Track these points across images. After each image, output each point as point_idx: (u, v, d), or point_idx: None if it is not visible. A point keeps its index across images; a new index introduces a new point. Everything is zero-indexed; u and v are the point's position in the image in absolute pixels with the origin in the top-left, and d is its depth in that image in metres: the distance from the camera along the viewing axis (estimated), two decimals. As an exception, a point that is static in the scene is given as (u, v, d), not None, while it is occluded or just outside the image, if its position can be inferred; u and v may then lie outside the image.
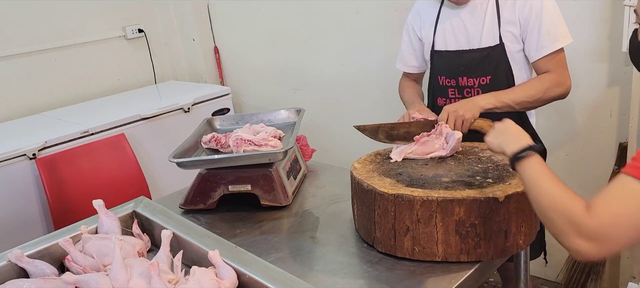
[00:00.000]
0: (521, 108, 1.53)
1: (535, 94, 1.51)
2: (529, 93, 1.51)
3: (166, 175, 2.54)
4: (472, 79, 1.59)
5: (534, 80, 1.56)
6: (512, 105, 1.51)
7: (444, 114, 1.45)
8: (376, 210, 1.18)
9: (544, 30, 1.51)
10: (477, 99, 1.49)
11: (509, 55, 1.57)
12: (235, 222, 1.46)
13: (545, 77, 1.53)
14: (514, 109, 1.52)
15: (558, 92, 1.53)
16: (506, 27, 1.54)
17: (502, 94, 1.51)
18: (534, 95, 1.51)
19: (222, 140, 1.60)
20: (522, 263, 1.40)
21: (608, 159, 2.16)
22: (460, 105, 1.45)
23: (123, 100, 2.94)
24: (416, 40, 1.75)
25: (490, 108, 1.48)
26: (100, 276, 1.06)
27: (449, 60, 1.63)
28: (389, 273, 1.13)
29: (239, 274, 1.04)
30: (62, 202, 2.20)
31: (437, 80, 1.68)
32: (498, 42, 1.56)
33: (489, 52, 1.56)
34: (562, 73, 1.53)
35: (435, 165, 1.32)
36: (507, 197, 1.10)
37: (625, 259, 2.09)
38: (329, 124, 3.00)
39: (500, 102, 1.49)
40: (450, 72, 1.63)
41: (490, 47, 1.56)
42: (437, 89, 1.70)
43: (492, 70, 1.57)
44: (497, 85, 1.57)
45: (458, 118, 1.43)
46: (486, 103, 1.48)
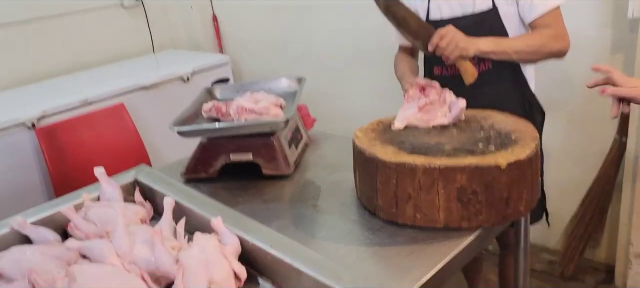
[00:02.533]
0: (519, 58, 1.51)
1: (534, 44, 1.49)
2: (528, 43, 1.50)
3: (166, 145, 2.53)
4: None
5: (534, 32, 1.54)
6: (510, 53, 1.48)
7: (445, 29, 1.43)
8: (378, 178, 1.18)
9: None
10: (477, 39, 1.46)
11: (504, 18, 1.55)
12: (237, 190, 1.46)
13: (544, 30, 1.51)
14: (511, 57, 1.50)
15: (557, 47, 1.51)
16: None
17: (502, 40, 1.49)
18: (533, 45, 1.49)
19: (222, 109, 1.59)
20: (522, 230, 1.41)
21: (609, 127, 2.15)
22: (460, 34, 1.44)
23: (121, 69, 2.92)
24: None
25: (487, 51, 1.46)
26: (104, 242, 1.07)
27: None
28: (390, 239, 1.14)
29: (241, 241, 1.05)
30: (63, 172, 2.20)
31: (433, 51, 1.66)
32: (491, 7, 1.54)
33: (482, 16, 1.55)
34: (559, 28, 1.52)
35: (438, 133, 1.31)
36: (509, 165, 1.10)
37: (623, 226, 2.11)
38: (330, 93, 2.98)
39: (498, 47, 1.47)
40: None
41: (483, 12, 1.55)
42: (433, 59, 1.68)
43: (486, 34, 1.55)
44: None
45: (453, 41, 1.42)
46: (484, 45, 1.46)
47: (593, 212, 2.23)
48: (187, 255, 0.99)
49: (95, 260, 1.05)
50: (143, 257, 1.03)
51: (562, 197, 2.39)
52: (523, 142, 1.19)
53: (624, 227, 2.11)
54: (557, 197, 2.40)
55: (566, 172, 2.35)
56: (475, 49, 1.44)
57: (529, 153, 1.13)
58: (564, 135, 2.29)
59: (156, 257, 1.01)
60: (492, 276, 2.37)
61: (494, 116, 1.38)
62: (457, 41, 1.42)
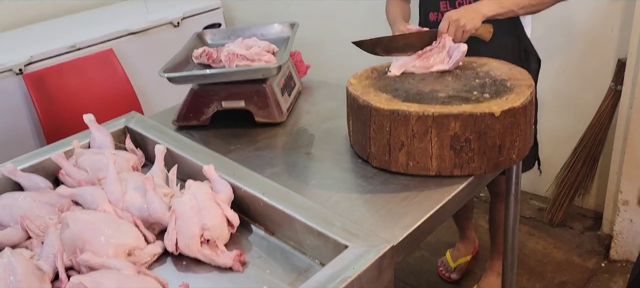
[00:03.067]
0: (524, 12, 1.49)
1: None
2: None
3: (157, 92, 2.50)
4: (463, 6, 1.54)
5: None
6: (515, 10, 1.46)
7: (444, 23, 1.40)
8: (371, 126, 1.17)
9: None
10: (479, 5, 1.44)
11: None
12: (230, 138, 1.45)
13: None
14: (517, 13, 1.47)
15: None
16: None
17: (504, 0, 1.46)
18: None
19: (213, 55, 1.55)
20: (514, 177, 1.42)
21: (605, 75, 2.14)
22: (462, 14, 1.40)
23: (109, 14, 2.83)
24: None
25: (492, 15, 1.44)
26: (96, 189, 1.07)
27: None
28: (382, 187, 1.14)
29: (234, 188, 1.05)
30: (53, 119, 2.18)
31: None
32: None
33: None
34: None
35: (433, 80, 1.30)
36: (503, 112, 1.09)
37: (613, 174, 2.14)
38: (324, 39, 2.92)
39: (502, 8, 1.44)
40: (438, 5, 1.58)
41: None
42: (428, 3, 1.65)
43: None
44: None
45: (459, 28, 1.39)
46: (488, 10, 1.43)
47: (584, 160, 2.25)
48: (179, 202, 0.99)
49: (87, 207, 1.06)
50: (135, 204, 1.03)
51: (554, 145, 2.40)
52: (518, 90, 1.18)
53: (614, 175, 2.13)
54: (549, 145, 2.42)
55: (560, 120, 2.35)
56: (480, 18, 1.41)
57: (523, 101, 1.12)
58: (559, 83, 2.28)
59: (148, 204, 1.01)
60: (483, 223, 2.42)
61: (490, 63, 1.36)
62: (463, 25, 1.38)
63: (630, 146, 2.00)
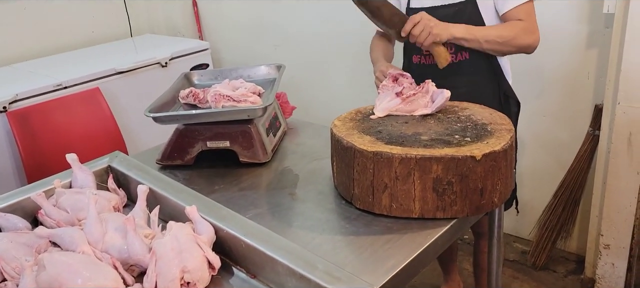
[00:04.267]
0: (489, 47, 1.54)
1: (506, 36, 1.52)
2: (500, 33, 1.52)
3: (143, 131, 2.50)
4: None
5: (506, 24, 1.56)
6: (481, 42, 1.52)
7: (418, 16, 1.45)
8: (355, 167, 1.18)
9: None
10: (450, 25, 1.50)
11: (482, 10, 1.58)
12: (214, 178, 1.44)
13: (516, 23, 1.54)
14: (482, 46, 1.53)
15: (527, 42, 1.53)
16: None
17: (474, 28, 1.52)
18: (504, 36, 1.51)
19: (200, 96, 1.57)
20: (496, 220, 1.43)
21: (584, 120, 2.19)
22: (433, 20, 1.46)
23: (97, 53, 2.86)
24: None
25: (459, 37, 1.50)
26: (75, 230, 1.05)
27: None
28: (366, 229, 1.14)
29: (216, 229, 1.04)
30: (36, 157, 2.15)
31: None
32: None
33: (460, 7, 1.57)
34: (531, 22, 1.54)
35: (416, 123, 1.32)
36: (484, 156, 1.11)
37: (594, 217, 2.16)
38: (310, 81, 2.97)
39: (470, 35, 1.50)
40: None
41: (461, 3, 1.57)
42: (411, 46, 1.69)
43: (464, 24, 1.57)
44: None
45: (427, 27, 1.44)
46: (457, 31, 1.49)
47: (566, 203, 2.28)
48: (160, 244, 0.97)
49: (66, 248, 1.04)
50: (115, 245, 1.01)
51: (536, 188, 2.44)
52: (498, 134, 1.20)
53: (594, 218, 2.16)
54: (530, 187, 2.45)
55: (540, 163, 2.39)
56: (448, 34, 1.48)
57: (504, 145, 1.15)
58: (538, 126, 2.33)
59: (129, 245, 1.00)
60: (467, 265, 2.41)
61: (471, 107, 1.39)
62: (431, 27, 1.45)
63: (610, 190, 2.03)
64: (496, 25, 1.57)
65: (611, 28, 1.95)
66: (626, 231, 2.04)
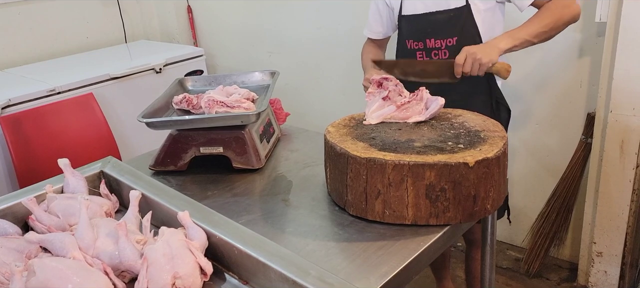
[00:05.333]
0: (539, 40, 1.51)
1: (549, 21, 1.48)
2: (543, 22, 1.48)
3: (136, 137, 2.49)
4: (439, 40, 1.60)
5: (543, 10, 1.52)
6: (530, 39, 1.48)
7: (461, 56, 1.43)
8: (348, 174, 1.18)
9: None
10: (496, 41, 1.46)
11: (476, 16, 1.58)
12: (207, 184, 1.44)
13: (550, 5, 1.50)
14: (532, 42, 1.50)
15: (570, 14, 1.49)
16: None
17: (517, 31, 1.49)
18: (548, 24, 1.48)
19: (193, 101, 1.57)
20: (489, 227, 1.43)
21: (576, 128, 2.21)
22: (479, 48, 1.44)
23: (92, 59, 2.85)
24: (384, 6, 1.76)
25: (509, 48, 1.47)
26: (66, 235, 1.04)
27: (417, 23, 1.64)
28: (359, 235, 1.14)
29: (209, 235, 1.04)
30: (28, 162, 2.14)
31: (405, 45, 1.69)
32: (464, 3, 1.57)
33: (455, 13, 1.58)
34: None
35: (409, 130, 1.32)
36: (477, 163, 1.11)
37: (587, 225, 2.17)
38: (304, 88, 2.97)
39: (517, 40, 1.47)
40: (417, 34, 1.64)
41: (456, 8, 1.58)
42: (405, 53, 1.70)
43: (458, 31, 1.58)
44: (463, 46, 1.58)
45: (475, 61, 1.42)
46: (505, 44, 1.46)
47: (559, 210, 2.29)
48: (151, 249, 0.97)
49: (56, 254, 1.03)
50: (106, 251, 1.00)
51: (528, 196, 2.44)
52: (491, 141, 1.21)
53: (587, 226, 2.17)
54: (524, 195, 2.46)
55: (533, 171, 2.40)
56: (497, 53, 1.45)
57: (496, 152, 1.15)
58: (531, 134, 2.34)
59: (120, 251, 0.99)
60: (460, 272, 2.41)
61: (464, 114, 1.39)
62: (479, 59, 1.42)
63: (603, 198, 2.04)
64: (535, 17, 1.51)
65: (603, 37, 1.96)
66: (619, 239, 2.05)
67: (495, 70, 1.46)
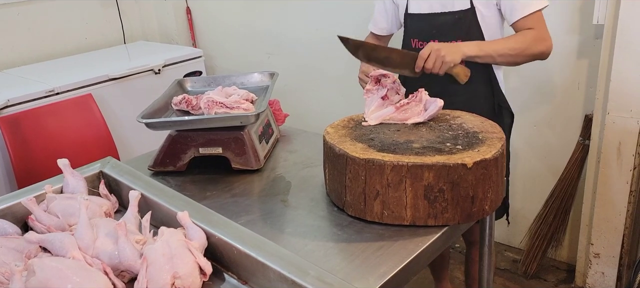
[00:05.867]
0: (503, 61, 1.52)
1: (518, 47, 1.49)
2: (511, 46, 1.50)
3: (135, 138, 2.49)
4: (443, 41, 1.60)
5: (517, 34, 1.54)
6: (494, 56, 1.49)
7: (426, 50, 1.43)
8: (347, 175, 1.18)
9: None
10: (461, 44, 1.47)
11: (481, 20, 1.58)
12: (206, 184, 1.44)
13: (527, 32, 1.52)
14: (495, 60, 1.51)
15: (539, 49, 1.52)
16: None
17: (485, 44, 1.51)
18: (516, 48, 1.49)
19: (193, 102, 1.57)
20: (487, 228, 1.44)
21: (574, 130, 2.22)
22: (444, 46, 1.44)
23: (90, 60, 2.85)
24: (390, 3, 1.76)
25: (472, 55, 1.47)
26: (65, 235, 1.04)
27: (422, 23, 1.64)
28: (357, 236, 1.14)
29: (208, 235, 1.04)
30: (26, 163, 2.14)
31: (409, 43, 1.69)
32: (469, 6, 1.57)
33: (460, 15, 1.58)
34: (542, 30, 1.52)
35: (408, 131, 1.33)
36: (475, 164, 1.12)
37: (584, 226, 2.18)
38: (303, 89, 2.98)
39: (482, 51, 1.48)
40: (423, 34, 1.64)
41: (461, 11, 1.58)
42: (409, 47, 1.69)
43: (463, 34, 1.58)
44: None
45: (438, 58, 1.42)
46: (469, 50, 1.46)
47: (556, 212, 2.30)
48: (151, 249, 0.97)
49: (56, 254, 1.03)
50: (106, 251, 1.00)
51: (526, 197, 2.45)
52: (489, 142, 1.21)
53: (585, 227, 2.18)
54: (522, 196, 2.47)
55: (531, 172, 2.41)
56: (460, 55, 1.45)
57: (494, 153, 1.16)
58: (529, 136, 2.35)
59: (119, 251, 0.99)
60: (459, 274, 2.42)
61: (462, 116, 1.40)
62: (443, 56, 1.42)
63: (600, 199, 2.05)
64: (507, 38, 1.54)
65: (601, 39, 1.97)
66: (616, 240, 2.06)
67: (454, 72, 1.47)
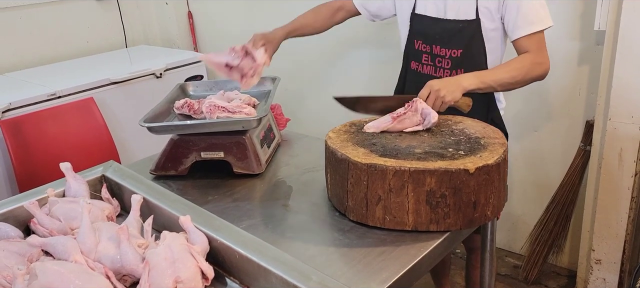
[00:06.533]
0: (502, 89, 1.53)
1: (517, 74, 1.49)
2: (511, 74, 1.49)
3: (137, 141, 2.49)
4: (444, 49, 1.60)
5: (515, 60, 1.53)
6: (495, 86, 1.49)
7: (425, 91, 1.41)
8: (349, 179, 1.19)
9: (522, 11, 1.49)
10: (461, 79, 1.45)
11: (484, 33, 1.57)
12: (208, 189, 1.44)
13: (525, 57, 1.51)
14: (495, 89, 1.51)
15: (537, 73, 1.52)
16: (483, 3, 1.54)
17: (485, 75, 1.49)
18: (515, 76, 1.49)
19: (195, 106, 1.57)
20: (489, 234, 1.44)
21: (575, 136, 2.22)
22: (444, 85, 1.41)
23: (92, 64, 2.85)
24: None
25: (472, 89, 1.45)
26: (68, 239, 1.04)
27: (427, 26, 1.63)
28: (359, 240, 1.14)
29: (210, 239, 1.04)
30: (28, 167, 2.14)
31: (413, 44, 1.67)
32: (474, 17, 1.56)
33: (464, 25, 1.57)
34: (540, 53, 1.52)
35: (409, 136, 1.33)
36: (477, 169, 1.12)
37: (585, 232, 2.17)
38: (305, 94, 2.98)
39: (483, 83, 1.46)
40: (427, 38, 1.63)
41: (466, 21, 1.57)
42: (412, 53, 1.68)
43: (464, 44, 1.58)
44: (467, 60, 1.58)
45: (438, 99, 1.40)
46: (469, 84, 1.45)
47: (557, 217, 2.29)
48: (153, 254, 0.97)
49: (58, 258, 1.03)
50: (108, 255, 1.00)
51: (527, 203, 2.45)
52: (492, 148, 1.21)
53: (586, 233, 2.17)
54: (523, 202, 2.46)
55: (532, 178, 2.40)
56: (460, 91, 1.43)
57: (497, 159, 1.16)
58: (531, 142, 2.35)
59: (122, 255, 0.99)
60: (460, 279, 2.41)
61: (464, 121, 1.40)
62: (442, 97, 1.40)
63: (601, 205, 2.05)
64: (505, 65, 1.52)
65: (602, 45, 1.98)
66: (617, 246, 2.05)
67: (457, 105, 1.46)
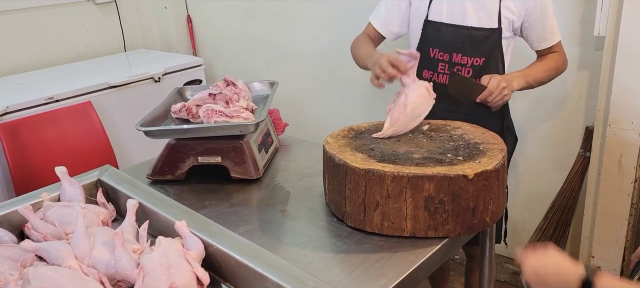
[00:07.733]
0: (536, 85, 1.63)
1: (553, 74, 1.64)
2: (548, 73, 1.63)
3: (134, 146, 2.48)
4: (466, 57, 1.58)
5: (549, 60, 1.64)
6: (534, 85, 1.61)
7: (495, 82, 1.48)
8: (347, 185, 1.18)
9: (547, 24, 1.59)
10: (511, 80, 1.54)
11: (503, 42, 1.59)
12: (205, 193, 1.43)
13: (553, 57, 1.64)
14: (533, 86, 1.62)
15: (563, 67, 1.67)
16: (505, 13, 1.55)
17: (528, 75, 1.59)
18: (551, 75, 1.64)
19: (192, 110, 1.56)
20: (488, 240, 1.43)
21: (575, 142, 2.21)
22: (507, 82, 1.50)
23: (90, 67, 2.84)
24: (406, 5, 1.67)
25: (520, 88, 1.57)
26: (62, 244, 1.03)
27: (445, 34, 1.59)
28: (357, 246, 1.13)
29: (206, 245, 1.03)
30: (25, 170, 2.12)
31: (428, 52, 1.62)
32: (497, 26, 1.56)
33: (488, 33, 1.56)
34: (563, 53, 1.67)
35: (408, 141, 1.32)
36: (476, 175, 1.11)
37: (585, 239, 2.16)
38: (303, 99, 2.98)
39: (527, 83, 1.58)
40: (445, 46, 1.60)
41: (490, 29, 1.56)
42: (425, 61, 1.61)
43: (487, 52, 1.57)
44: (488, 69, 1.58)
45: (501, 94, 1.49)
46: (518, 84, 1.55)
47: (557, 224, 2.28)
48: (148, 259, 0.96)
49: (52, 263, 1.02)
50: (102, 260, 0.99)
51: (526, 209, 2.44)
52: (491, 154, 1.21)
53: (585, 240, 2.16)
54: (523, 208, 2.45)
55: (531, 185, 2.39)
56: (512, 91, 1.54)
57: (496, 165, 1.15)
58: (530, 147, 2.34)
59: (116, 260, 0.98)
60: (458, 285, 2.40)
61: (463, 127, 1.39)
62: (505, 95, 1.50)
63: (601, 212, 2.04)
64: (542, 65, 1.64)
65: (602, 51, 1.97)
66: (617, 253, 2.04)
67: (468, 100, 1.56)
